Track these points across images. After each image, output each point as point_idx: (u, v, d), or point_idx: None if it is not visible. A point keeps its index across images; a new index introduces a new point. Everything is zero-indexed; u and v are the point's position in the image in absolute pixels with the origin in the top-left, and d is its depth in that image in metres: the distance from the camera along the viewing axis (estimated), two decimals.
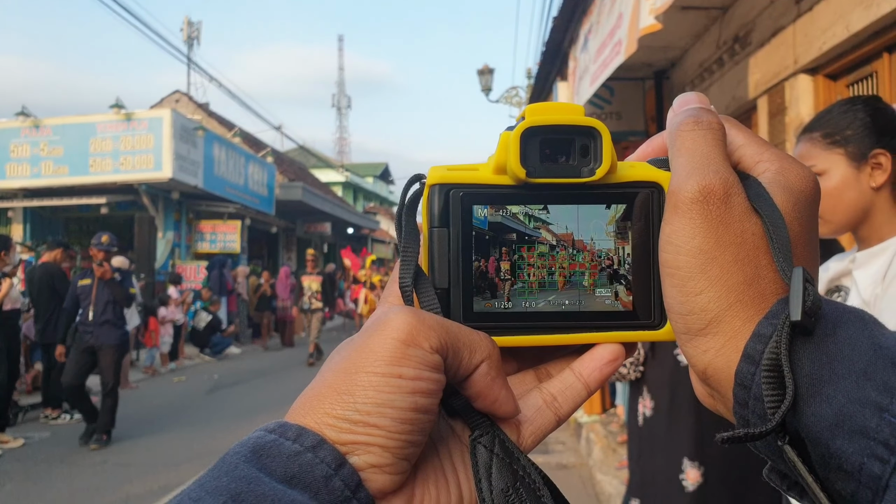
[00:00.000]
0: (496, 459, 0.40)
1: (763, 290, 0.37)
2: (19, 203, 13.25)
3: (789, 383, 0.33)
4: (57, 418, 7.32)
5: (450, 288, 0.43)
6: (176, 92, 19.39)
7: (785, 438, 0.33)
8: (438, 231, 0.43)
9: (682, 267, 0.38)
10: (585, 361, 0.44)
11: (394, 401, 0.35)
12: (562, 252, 0.44)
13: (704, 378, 0.39)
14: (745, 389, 0.35)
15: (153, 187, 13.28)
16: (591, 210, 0.44)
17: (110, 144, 12.88)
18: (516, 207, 0.43)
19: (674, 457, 2.36)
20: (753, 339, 0.35)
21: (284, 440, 0.34)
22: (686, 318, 0.38)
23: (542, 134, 0.42)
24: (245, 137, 18.90)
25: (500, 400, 0.40)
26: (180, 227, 14.55)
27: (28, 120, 13.00)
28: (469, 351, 0.39)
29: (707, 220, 0.37)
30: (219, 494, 0.31)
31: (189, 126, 13.54)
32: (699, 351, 0.38)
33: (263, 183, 17.26)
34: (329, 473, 0.34)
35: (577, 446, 6.12)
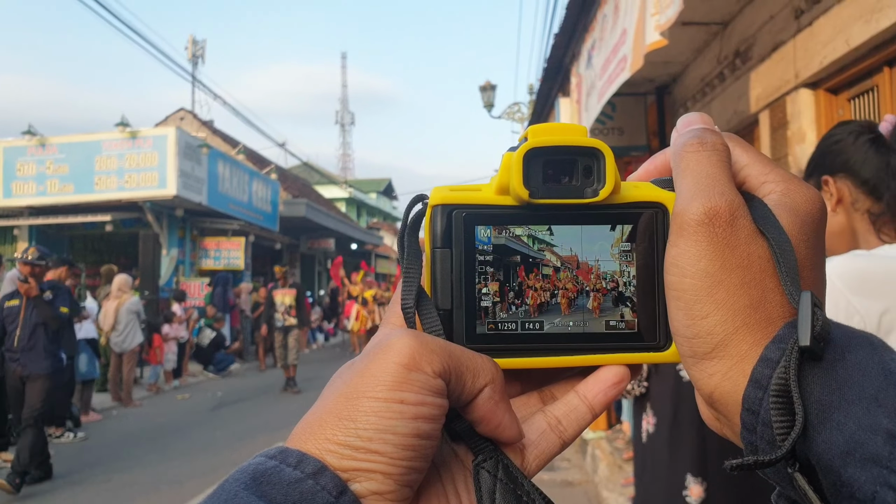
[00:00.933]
0: (500, 485, 0.39)
1: (770, 314, 0.37)
2: (25, 221, 13.32)
3: (799, 410, 0.32)
4: (60, 437, 7.29)
5: (452, 309, 0.43)
6: (181, 110, 19.53)
7: (795, 466, 0.33)
8: (441, 252, 0.43)
9: (688, 290, 0.37)
10: (590, 384, 0.44)
11: (396, 427, 0.35)
12: (565, 274, 0.44)
13: (711, 402, 0.38)
14: (753, 415, 0.35)
15: (157, 204, 13.34)
16: (594, 231, 0.43)
17: (115, 162, 12.95)
18: (520, 229, 0.43)
19: (677, 473, 2.35)
20: (761, 364, 0.35)
21: (285, 466, 0.34)
22: (692, 341, 0.38)
23: (545, 155, 0.42)
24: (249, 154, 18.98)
25: (503, 425, 0.39)
26: (184, 244, 14.59)
27: (34, 138, 13.10)
28: (472, 375, 0.38)
29: (713, 243, 0.37)
30: None
31: (193, 143, 13.62)
32: (705, 374, 0.38)
33: (267, 199, 17.32)
34: (330, 501, 0.33)
35: (582, 463, 6.08)
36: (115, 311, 9.20)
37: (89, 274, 12.58)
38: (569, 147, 0.43)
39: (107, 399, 9.53)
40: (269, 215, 17.33)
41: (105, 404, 9.30)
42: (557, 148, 0.42)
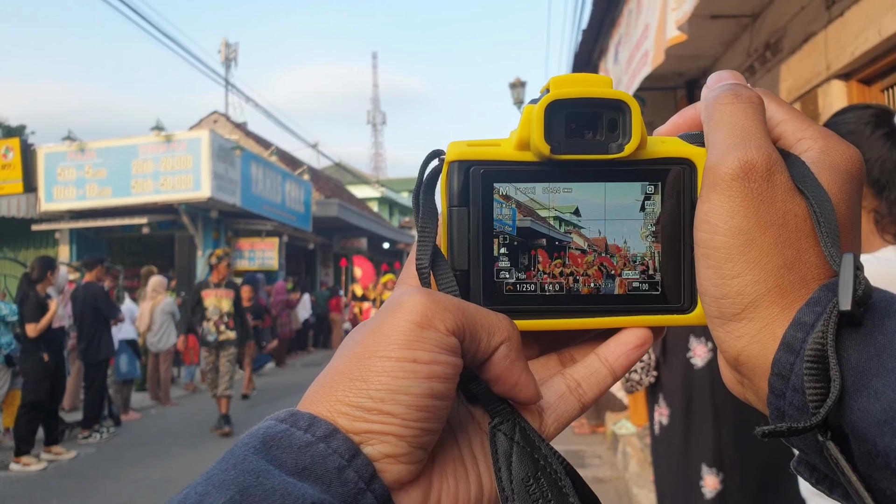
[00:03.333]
0: (517, 448, 0.38)
1: (804, 276, 0.35)
2: (66, 225, 13.67)
3: (836, 377, 0.31)
4: (88, 437, 7.47)
5: (469, 270, 0.41)
6: (214, 113, 19.85)
7: (827, 434, 0.31)
8: (458, 210, 0.41)
9: (719, 248, 0.36)
10: (611, 346, 0.42)
11: (409, 387, 0.34)
12: (590, 258, 0.42)
13: (736, 365, 0.37)
14: (783, 379, 0.33)
15: (192, 207, 13.58)
16: (619, 189, 0.41)
17: (151, 166, 13.22)
18: (546, 211, 0.41)
19: (692, 464, 2.31)
20: (793, 327, 0.33)
21: (295, 430, 0.33)
22: (720, 301, 0.36)
23: (568, 108, 0.40)
24: (282, 156, 19.22)
25: (520, 384, 0.38)
26: (219, 245, 14.83)
27: (74, 144, 13.44)
28: (487, 333, 0.37)
29: (748, 199, 0.35)
30: (226, 489, 0.30)
31: (227, 146, 13.84)
32: (732, 336, 0.36)
33: (300, 200, 17.51)
34: (342, 465, 0.32)
35: (613, 460, 6.04)
36: (150, 312, 9.40)
37: (128, 276, 12.88)
38: (593, 99, 0.40)
39: (145, 398, 9.75)
40: (302, 216, 17.52)
41: (144, 403, 9.52)
42: (581, 100, 0.40)
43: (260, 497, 0.29)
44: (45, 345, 6.62)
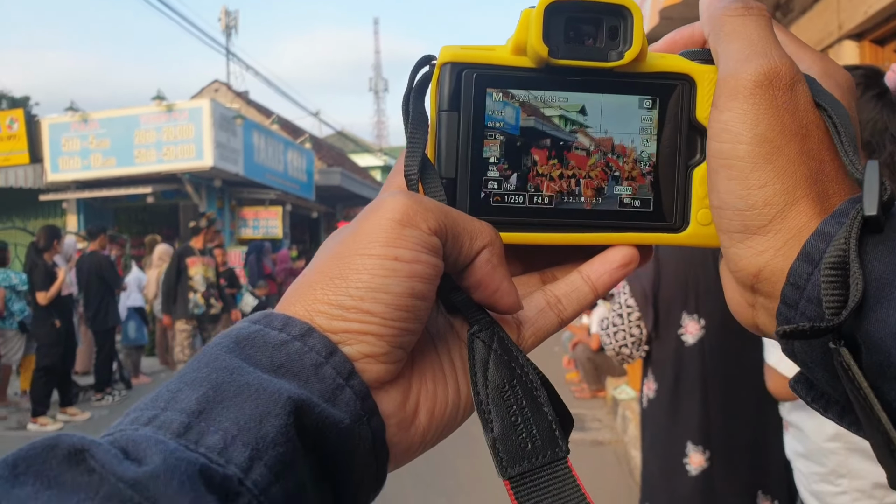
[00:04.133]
0: (494, 356, 0.38)
1: (826, 189, 0.35)
2: (72, 195, 13.73)
3: (859, 280, 0.30)
4: (101, 400, 7.67)
5: (457, 178, 0.40)
6: (215, 82, 19.74)
7: (840, 342, 0.31)
8: (448, 115, 0.39)
9: (744, 157, 0.35)
10: (595, 264, 0.42)
11: (389, 285, 0.33)
12: (594, 158, 0.41)
13: (754, 283, 0.36)
14: (798, 290, 0.33)
15: (196, 176, 13.62)
16: (619, 101, 0.40)
17: (153, 136, 13.23)
18: (551, 110, 0.40)
19: (676, 440, 2.30)
20: (815, 237, 0.33)
21: (269, 330, 0.32)
22: (745, 213, 0.35)
23: (568, 11, 0.39)
24: (283, 124, 19.16)
25: (500, 290, 0.37)
26: (223, 214, 14.90)
27: (77, 114, 13.43)
28: (469, 237, 0.36)
29: (772, 107, 0.35)
30: (198, 385, 0.29)
31: (228, 115, 13.82)
32: (754, 252, 0.35)
33: (303, 169, 17.51)
34: (319, 361, 0.32)
35: (613, 424, 6.16)
36: (156, 280, 9.52)
37: (134, 244, 12.99)
38: (594, 4, 0.39)
39: (155, 363, 9.94)
40: (305, 184, 17.53)
41: (154, 368, 9.70)
42: (582, 4, 0.39)
43: (234, 392, 0.29)
44: (55, 311, 6.77)
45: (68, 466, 0.25)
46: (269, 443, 0.28)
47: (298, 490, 0.29)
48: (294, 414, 0.29)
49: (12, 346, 7.19)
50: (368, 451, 0.33)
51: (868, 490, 1.63)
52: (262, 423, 0.29)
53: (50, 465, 0.25)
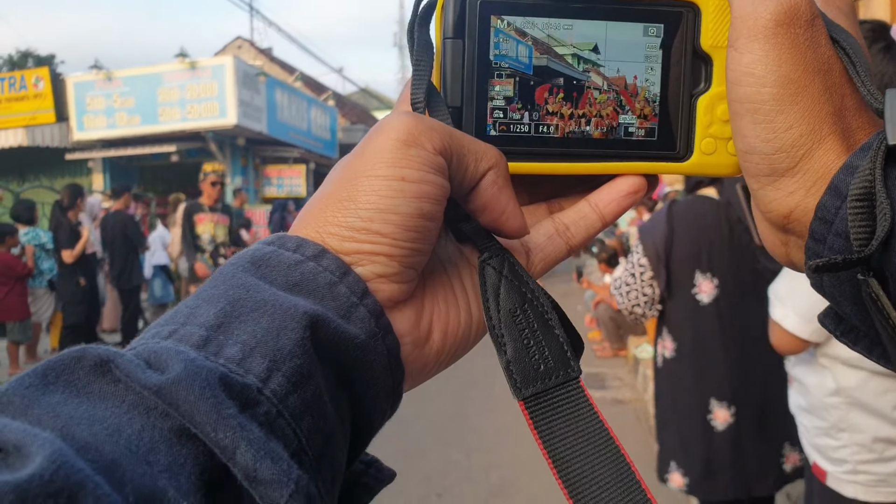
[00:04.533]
0: (504, 281, 0.38)
1: (849, 124, 0.34)
2: (98, 153, 13.87)
3: (886, 212, 0.30)
4: None
5: (462, 107, 0.40)
6: (238, 38, 19.63)
7: (869, 273, 0.31)
8: (452, 43, 0.39)
9: (769, 100, 0.34)
10: (603, 192, 0.42)
11: (398, 206, 0.33)
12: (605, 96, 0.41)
13: (787, 223, 0.35)
14: (826, 224, 0.32)
15: (219, 134, 13.64)
16: (623, 30, 0.40)
17: (177, 93, 13.23)
18: (564, 48, 0.40)
19: (700, 397, 2.32)
20: (843, 171, 0.32)
21: (284, 251, 0.33)
22: (772, 157, 0.34)
23: None
24: (306, 81, 19.06)
25: (507, 212, 0.37)
26: (247, 173, 14.96)
27: (101, 73, 13.47)
28: (475, 158, 0.36)
29: (795, 46, 0.34)
30: (216, 301, 0.30)
31: (251, 72, 13.75)
32: (784, 193, 0.35)
33: (326, 127, 17.45)
34: (333, 281, 0.32)
35: (633, 382, 6.15)
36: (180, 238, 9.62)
37: (159, 203, 13.12)
38: None
39: None
40: (329, 142, 17.49)
41: None
42: None
43: (251, 308, 0.30)
44: (80, 269, 6.87)
45: (95, 376, 0.27)
46: (286, 354, 0.29)
47: (316, 401, 0.30)
48: (310, 328, 0.30)
49: (42, 304, 7.33)
50: (384, 367, 0.33)
51: (867, 444, 1.67)
52: (279, 336, 0.29)
53: (77, 374, 0.27)
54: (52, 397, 0.25)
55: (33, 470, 0.21)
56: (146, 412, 0.26)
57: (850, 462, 1.69)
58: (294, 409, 0.29)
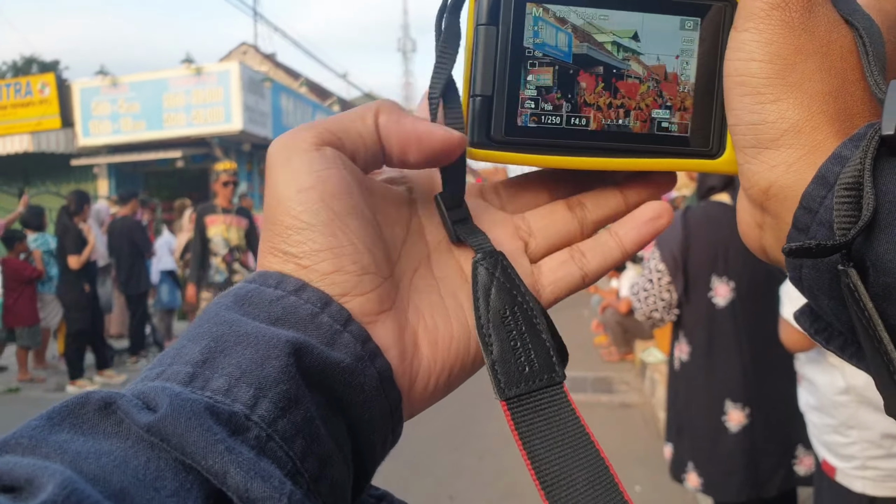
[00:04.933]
0: (496, 282, 0.38)
1: (850, 108, 0.34)
2: (104, 159, 13.91)
3: (870, 199, 0.29)
4: (136, 363, 7.83)
5: (493, 95, 0.39)
6: (243, 44, 19.70)
7: (849, 263, 0.30)
8: (486, 29, 0.38)
9: (756, 73, 0.34)
10: (624, 221, 0.42)
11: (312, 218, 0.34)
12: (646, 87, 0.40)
13: (763, 199, 0.35)
14: (810, 213, 0.32)
15: (225, 139, 13.68)
16: (659, 23, 0.39)
17: (182, 99, 13.28)
18: (604, 35, 0.39)
19: (714, 399, 2.36)
20: (831, 161, 0.32)
21: (265, 287, 0.33)
22: (757, 127, 0.35)
23: None
24: (311, 87, 19.11)
25: (421, 133, 0.36)
26: (253, 178, 14.99)
27: (107, 78, 13.53)
28: (359, 119, 0.36)
29: (787, 27, 0.34)
30: (200, 339, 0.31)
31: (256, 78, 13.80)
32: (766, 166, 0.34)
33: None
34: (315, 311, 0.33)
35: (641, 386, 6.15)
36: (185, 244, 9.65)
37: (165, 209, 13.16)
38: None
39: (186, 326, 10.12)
40: None
41: None
42: None
43: (234, 341, 0.30)
44: (84, 276, 6.88)
45: (99, 417, 0.27)
46: (271, 381, 0.29)
47: (307, 424, 0.30)
48: (294, 355, 0.30)
49: (51, 309, 7.35)
50: (375, 389, 0.33)
51: (876, 440, 1.69)
52: (264, 365, 0.30)
53: (82, 416, 0.27)
54: (59, 436, 0.26)
55: (45, 497, 0.22)
56: (150, 446, 0.27)
57: (859, 458, 1.71)
58: (284, 432, 0.29)
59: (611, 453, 0.35)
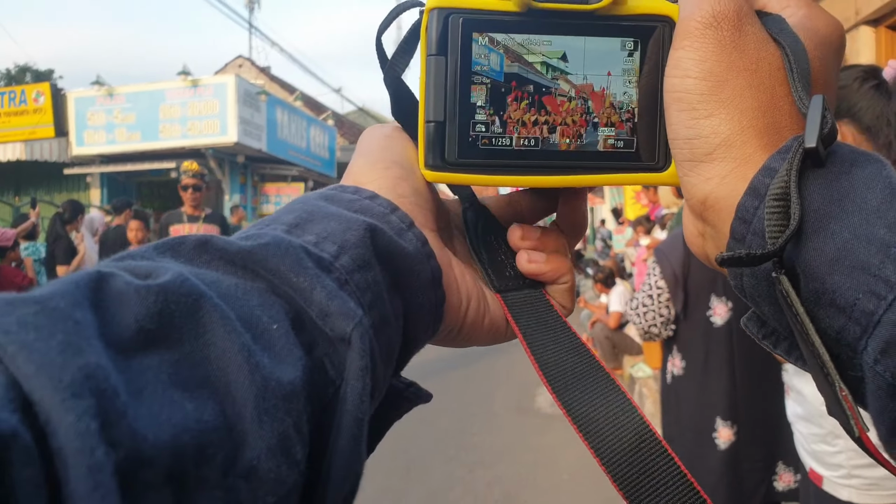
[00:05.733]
0: (482, 220, 0.46)
1: (778, 122, 0.36)
2: (97, 169, 13.89)
3: (796, 209, 0.31)
4: None
5: (445, 121, 0.41)
6: (239, 57, 19.79)
7: (781, 270, 0.32)
8: (435, 59, 0.40)
9: (691, 90, 0.36)
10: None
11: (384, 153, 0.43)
12: (573, 104, 0.42)
13: (701, 210, 0.37)
14: (745, 224, 0.34)
15: (219, 151, 13.71)
16: (600, 45, 0.41)
17: (178, 111, 13.32)
18: (534, 56, 0.41)
19: (706, 416, 2.40)
20: (762, 173, 0.34)
21: (345, 193, 0.39)
22: (693, 142, 0.37)
23: None
24: (306, 101, 19.19)
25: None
26: (246, 190, 15.01)
27: (103, 88, 13.55)
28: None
29: (719, 45, 0.36)
30: (293, 212, 0.36)
31: (252, 91, 13.86)
32: (702, 179, 0.36)
33: (325, 146, 17.55)
34: (386, 212, 0.38)
35: None
36: None
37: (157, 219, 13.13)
38: None
39: None
40: (327, 161, 17.58)
41: None
42: None
43: (322, 216, 0.36)
44: None
45: (196, 252, 0.31)
46: (351, 244, 0.34)
47: (375, 285, 0.34)
48: (369, 231, 0.35)
49: None
50: (429, 281, 0.38)
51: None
52: (345, 233, 0.35)
53: (180, 249, 0.31)
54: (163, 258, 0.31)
55: (167, 279, 0.27)
56: (236, 273, 0.31)
57: (846, 467, 1.75)
58: (358, 282, 0.33)
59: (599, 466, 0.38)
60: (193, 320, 0.27)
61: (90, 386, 0.22)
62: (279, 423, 0.27)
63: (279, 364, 0.28)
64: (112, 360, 0.23)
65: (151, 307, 0.26)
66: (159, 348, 0.25)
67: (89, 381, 0.22)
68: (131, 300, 0.26)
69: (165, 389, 0.24)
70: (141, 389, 0.24)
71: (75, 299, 0.24)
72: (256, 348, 0.28)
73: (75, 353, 0.22)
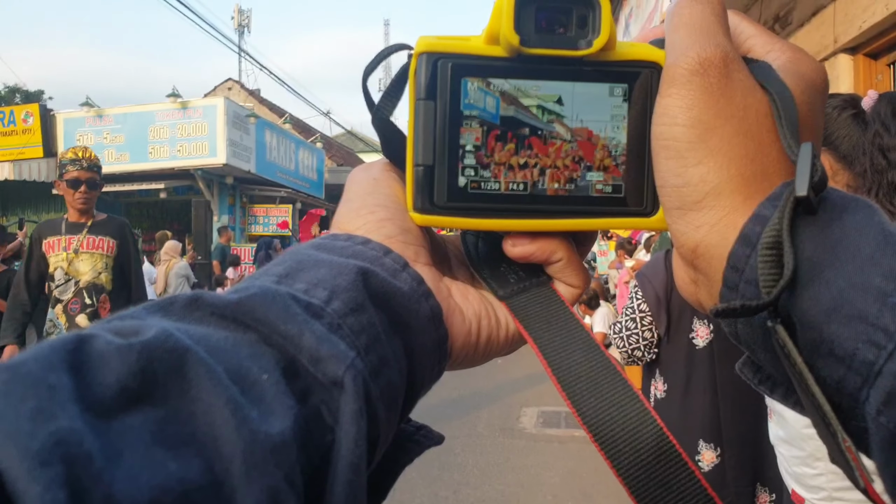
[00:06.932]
0: (480, 241, 0.46)
1: (766, 168, 0.35)
2: None
3: (790, 259, 0.31)
4: None
5: (434, 165, 0.41)
6: (228, 80, 19.89)
7: (777, 319, 0.31)
8: (424, 104, 0.40)
9: (679, 138, 0.36)
10: None
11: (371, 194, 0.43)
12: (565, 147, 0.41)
13: (693, 258, 0.36)
14: (738, 272, 0.33)
15: (208, 172, 13.73)
16: (589, 90, 0.41)
17: (168, 132, 13.35)
18: (529, 100, 0.41)
19: (689, 438, 2.39)
20: (752, 221, 0.33)
21: (337, 240, 0.38)
22: (681, 189, 0.36)
23: (538, 1, 0.40)
24: (295, 123, 19.28)
25: None
26: (234, 211, 15.02)
27: (92, 110, 13.58)
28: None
29: (706, 92, 0.36)
30: (283, 264, 0.36)
31: (241, 113, 13.94)
32: (692, 227, 0.36)
33: (313, 168, 17.62)
34: (378, 256, 0.38)
35: None
36: (164, 276, 9.64)
37: (146, 240, 13.11)
38: None
39: None
40: (315, 183, 17.64)
41: None
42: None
43: (312, 264, 0.35)
44: None
45: (187, 310, 0.31)
46: (342, 288, 0.34)
47: (371, 327, 0.34)
48: (362, 275, 0.35)
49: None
50: (429, 319, 0.38)
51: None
52: (336, 278, 0.35)
53: (171, 308, 0.31)
54: (152, 318, 0.30)
55: (151, 336, 0.26)
56: (227, 326, 0.31)
57: (826, 489, 1.77)
58: (352, 325, 0.33)
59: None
60: (178, 376, 0.26)
61: (61, 452, 0.21)
62: (269, 476, 0.26)
63: (268, 416, 0.28)
64: (88, 423, 0.23)
65: (133, 365, 0.25)
66: (143, 407, 0.25)
67: (59, 447, 0.21)
68: (112, 360, 0.25)
69: (148, 449, 0.24)
70: (121, 451, 0.23)
71: (50, 363, 0.24)
72: (244, 401, 0.27)
73: (47, 419, 0.22)
